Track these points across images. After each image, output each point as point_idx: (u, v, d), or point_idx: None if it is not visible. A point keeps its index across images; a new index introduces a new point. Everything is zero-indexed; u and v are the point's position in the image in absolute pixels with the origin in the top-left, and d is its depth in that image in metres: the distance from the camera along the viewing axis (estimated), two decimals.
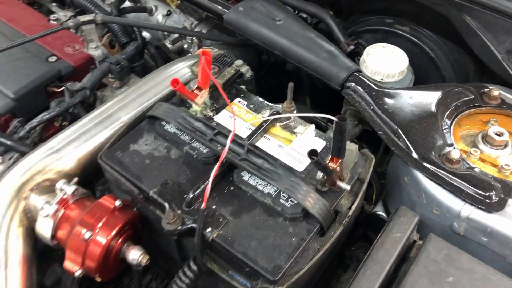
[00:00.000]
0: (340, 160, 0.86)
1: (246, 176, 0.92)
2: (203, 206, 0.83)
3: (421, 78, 1.24)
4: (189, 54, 1.37)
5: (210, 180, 0.85)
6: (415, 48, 1.32)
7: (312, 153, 0.80)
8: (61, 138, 1.02)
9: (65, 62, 1.21)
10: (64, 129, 1.04)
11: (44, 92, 1.18)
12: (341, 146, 0.84)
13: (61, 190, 0.93)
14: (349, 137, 1.24)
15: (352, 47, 1.32)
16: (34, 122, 1.08)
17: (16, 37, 1.23)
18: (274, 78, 1.62)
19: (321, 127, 1.61)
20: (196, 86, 0.99)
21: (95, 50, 1.20)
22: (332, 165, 0.85)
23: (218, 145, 0.93)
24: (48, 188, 0.97)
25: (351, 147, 0.97)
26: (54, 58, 1.21)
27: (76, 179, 0.95)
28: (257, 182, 0.91)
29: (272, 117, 0.99)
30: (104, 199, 0.93)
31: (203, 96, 1.00)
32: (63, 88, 1.15)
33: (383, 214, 1.07)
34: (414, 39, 1.32)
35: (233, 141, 0.92)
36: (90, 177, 1.07)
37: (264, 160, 0.90)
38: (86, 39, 1.19)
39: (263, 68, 1.54)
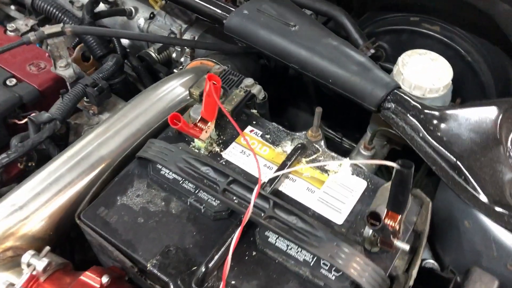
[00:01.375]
0: (400, 217, 0.66)
1: (272, 237, 0.70)
2: (221, 287, 0.62)
3: (456, 86, 1.04)
4: (181, 68, 1.14)
5: (230, 252, 0.63)
6: (449, 51, 1.12)
7: (372, 217, 0.59)
8: (26, 190, 0.79)
9: (28, 85, 0.97)
10: (28, 178, 0.81)
11: (3, 126, 0.94)
12: (403, 199, 0.63)
13: (29, 265, 0.70)
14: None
15: (372, 51, 1.11)
16: None
17: None
18: (274, 86, 1.40)
19: (335, 143, 1.42)
20: (199, 117, 0.77)
21: (65, 69, 0.96)
22: (390, 223, 0.65)
23: (234, 197, 0.71)
24: (10, 261, 0.74)
25: None
26: (14, 81, 0.97)
27: (47, 248, 0.72)
28: (287, 246, 0.70)
29: (316, 164, 0.77)
30: (87, 276, 0.70)
31: (209, 130, 0.78)
32: (26, 120, 0.91)
33: (432, 263, 0.87)
34: (447, 40, 1.12)
35: (251, 190, 0.71)
36: (64, 236, 0.84)
37: (297, 217, 0.68)
38: (53, 55, 0.95)
39: (263, 76, 1.32)
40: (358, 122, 1.15)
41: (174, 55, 1.21)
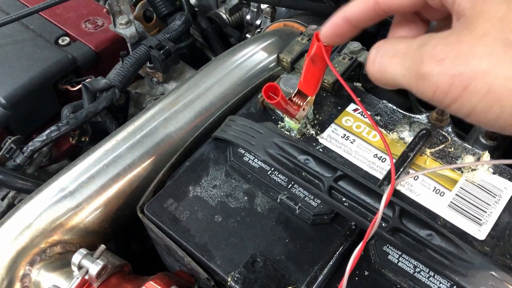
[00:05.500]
0: None
1: (393, 254, 0.53)
2: None
3: None
4: (259, 31, 0.96)
5: (346, 274, 0.46)
6: None
7: None
8: (77, 172, 0.65)
9: (83, 45, 0.83)
10: (80, 157, 0.66)
11: (53, 92, 0.80)
12: None
13: (80, 268, 0.56)
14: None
15: None
16: (37, 142, 0.70)
17: (11, 8, 0.84)
18: None
19: None
20: (296, 91, 0.59)
21: (126, 27, 0.81)
22: None
23: (344, 198, 0.54)
24: (59, 259, 0.60)
25: None
26: (67, 39, 0.82)
27: (102, 247, 0.57)
28: (415, 267, 0.52)
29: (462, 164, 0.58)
30: (151, 286, 0.56)
31: (307, 108, 0.60)
32: (79, 86, 0.77)
33: None
34: None
35: (367, 189, 0.53)
36: (121, 229, 0.69)
37: (432, 230, 0.50)
38: (112, 10, 0.80)
39: None
40: None
41: (248, 16, 1.03)
